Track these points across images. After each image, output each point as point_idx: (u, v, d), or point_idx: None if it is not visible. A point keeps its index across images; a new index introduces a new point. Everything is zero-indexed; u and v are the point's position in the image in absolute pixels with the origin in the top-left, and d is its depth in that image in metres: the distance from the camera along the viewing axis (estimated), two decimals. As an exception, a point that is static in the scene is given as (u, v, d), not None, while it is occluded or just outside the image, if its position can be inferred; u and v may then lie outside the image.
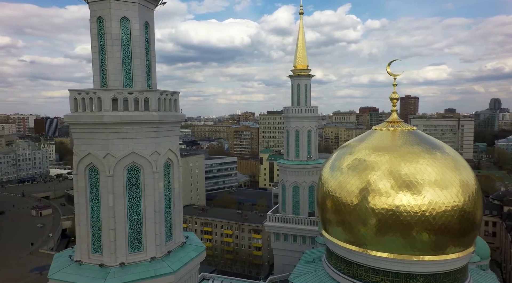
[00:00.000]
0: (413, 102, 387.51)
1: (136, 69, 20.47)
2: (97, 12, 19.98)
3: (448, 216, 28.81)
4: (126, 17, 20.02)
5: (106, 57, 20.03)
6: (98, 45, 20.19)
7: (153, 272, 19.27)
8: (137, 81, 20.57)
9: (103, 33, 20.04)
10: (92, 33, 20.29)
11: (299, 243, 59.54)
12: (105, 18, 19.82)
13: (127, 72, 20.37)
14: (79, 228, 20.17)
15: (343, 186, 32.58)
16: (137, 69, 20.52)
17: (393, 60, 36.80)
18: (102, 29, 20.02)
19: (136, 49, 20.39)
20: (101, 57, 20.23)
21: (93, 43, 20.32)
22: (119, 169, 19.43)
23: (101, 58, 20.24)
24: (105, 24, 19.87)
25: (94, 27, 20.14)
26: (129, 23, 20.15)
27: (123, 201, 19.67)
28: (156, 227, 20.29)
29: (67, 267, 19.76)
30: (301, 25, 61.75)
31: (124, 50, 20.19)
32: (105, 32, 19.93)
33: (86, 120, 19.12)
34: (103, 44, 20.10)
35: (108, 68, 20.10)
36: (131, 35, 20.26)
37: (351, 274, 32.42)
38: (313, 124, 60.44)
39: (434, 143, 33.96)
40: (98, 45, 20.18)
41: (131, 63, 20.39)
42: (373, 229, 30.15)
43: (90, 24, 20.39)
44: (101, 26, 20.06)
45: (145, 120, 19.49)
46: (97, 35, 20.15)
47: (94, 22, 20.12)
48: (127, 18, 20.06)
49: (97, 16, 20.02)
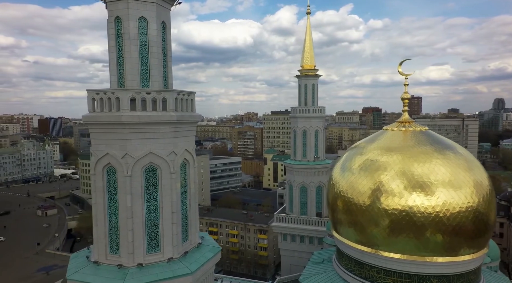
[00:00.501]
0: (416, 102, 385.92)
1: (153, 69, 20.43)
2: (115, 12, 19.94)
3: (463, 217, 28.59)
4: (144, 17, 19.98)
5: (124, 57, 20.00)
6: (116, 45, 20.14)
7: (171, 273, 19.21)
8: (154, 81, 20.53)
9: (120, 33, 19.99)
10: (109, 33, 20.26)
11: (307, 243, 59.43)
12: (123, 18, 19.78)
13: (144, 72, 20.33)
14: (96, 229, 20.14)
15: (355, 186, 32.42)
16: (154, 69, 20.48)
17: (404, 60, 36.61)
18: (120, 29, 19.98)
19: (153, 49, 20.34)
20: (118, 57, 20.19)
21: (110, 43, 20.28)
22: (137, 169, 19.39)
23: (119, 58, 20.21)
24: (123, 24, 19.83)
25: (112, 27, 20.11)
26: (147, 23, 20.11)
27: (141, 201, 19.63)
28: (173, 227, 20.24)
29: (84, 267, 19.72)
30: (308, 25, 61.63)
31: (141, 50, 20.15)
32: (122, 32, 19.89)
33: (104, 120, 19.09)
34: (121, 44, 20.06)
35: (125, 68, 20.06)
36: (149, 35, 20.21)
37: (362, 275, 32.23)
38: (321, 125, 60.35)
39: (446, 143, 33.76)
40: (116, 45, 20.14)
41: (148, 63, 20.34)
42: (385, 229, 29.96)
43: (108, 24, 20.36)
44: (118, 26, 20.03)
45: (163, 121, 19.44)
46: (114, 35, 20.11)
47: (111, 22, 20.09)
48: (144, 18, 20.02)
49: (114, 16, 19.99)
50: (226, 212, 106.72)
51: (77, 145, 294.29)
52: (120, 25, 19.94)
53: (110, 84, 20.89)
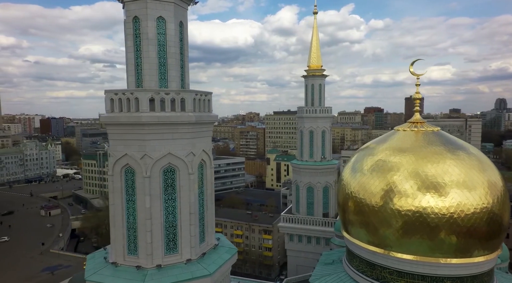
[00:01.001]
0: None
1: (171, 70, 20.30)
2: (133, 12, 19.81)
3: (477, 218, 28.41)
4: (162, 17, 19.85)
5: (142, 57, 19.87)
6: (134, 45, 20.01)
7: (190, 274, 19.08)
8: (172, 81, 20.40)
9: (138, 33, 19.86)
10: (127, 33, 20.12)
11: (314, 244, 59.26)
12: (141, 18, 19.65)
13: (162, 72, 20.20)
14: (114, 230, 20.01)
15: (366, 187, 32.24)
16: (172, 69, 20.35)
17: (416, 60, 36.38)
18: (138, 29, 19.85)
19: (171, 49, 20.21)
20: (136, 57, 20.06)
21: (128, 43, 20.16)
22: (156, 170, 19.26)
23: (136, 58, 20.07)
24: (141, 24, 19.69)
25: (130, 27, 19.97)
26: (165, 23, 19.98)
27: (159, 202, 19.51)
28: (191, 228, 20.11)
29: (103, 268, 19.60)
30: (315, 25, 61.45)
31: (159, 50, 20.03)
32: (141, 32, 19.75)
33: (123, 121, 18.95)
34: (139, 44, 19.93)
35: (143, 69, 19.93)
36: (167, 35, 20.08)
37: (374, 277, 32.05)
38: (327, 125, 60.17)
39: (458, 143, 33.58)
40: (134, 45, 20.01)
41: (166, 63, 20.21)
42: (398, 231, 29.77)
43: (125, 24, 20.23)
44: (136, 26, 19.89)
45: (182, 121, 19.31)
46: (132, 35, 19.97)
47: (129, 22, 19.96)
48: (163, 18, 19.89)
49: (133, 16, 19.85)
50: (230, 212, 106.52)
51: (78, 145, 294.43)
52: (138, 25, 19.81)
53: (127, 84, 20.75)
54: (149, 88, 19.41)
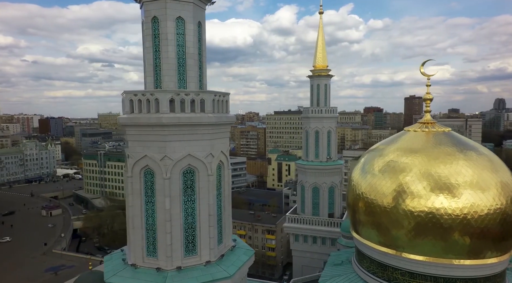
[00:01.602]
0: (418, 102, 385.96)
1: (189, 70, 20.17)
2: (152, 12, 19.66)
3: (490, 219, 28.35)
4: (181, 17, 19.70)
5: (161, 58, 19.72)
6: (152, 46, 19.86)
7: (210, 276, 18.96)
8: (190, 82, 20.26)
9: (157, 34, 19.71)
10: (146, 34, 19.98)
11: (319, 244, 59.22)
12: (160, 18, 19.50)
13: (181, 73, 20.06)
14: (133, 231, 19.86)
15: (378, 188, 32.14)
16: (191, 70, 20.21)
17: (427, 60, 36.32)
18: (157, 30, 19.70)
19: (190, 49, 20.08)
20: (155, 58, 19.92)
21: (146, 43, 20.01)
22: (176, 172, 19.13)
23: (155, 59, 19.93)
24: (160, 25, 19.55)
25: (148, 27, 19.83)
26: (184, 23, 19.83)
27: (179, 204, 19.37)
28: (210, 230, 19.98)
29: (122, 270, 19.46)
30: (321, 25, 61.32)
31: (178, 51, 19.88)
32: (160, 32, 19.61)
33: (143, 122, 18.80)
34: (158, 45, 19.78)
35: (162, 69, 19.79)
36: (186, 35, 19.94)
37: (385, 278, 31.95)
38: (333, 125, 60.13)
39: (470, 144, 33.56)
40: (152, 45, 19.86)
41: (185, 64, 20.07)
42: (411, 232, 29.69)
43: (144, 25, 20.08)
44: (155, 26, 19.75)
45: (202, 122, 19.18)
46: (151, 36, 19.83)
47: (148, 22, 19.81)
48: (182, 18, 19.74)
49: (151, 16, 19.71)
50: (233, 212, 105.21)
51: (78, 144, 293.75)
52: (157, 25, 19.66)
53: (145, 85, 20.62)
54: (169, 89, 19.26)
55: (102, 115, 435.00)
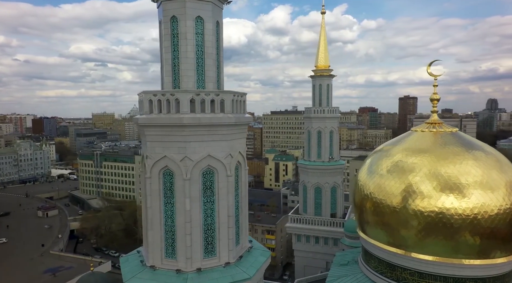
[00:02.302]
0: (412, 102, 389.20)
1: (208, 70, 20.02)
2: (171, 12, 19.46)
3: (500, 219, 28.52)
4: (201, 16, 19.54)
5: (180, 57, 19.53)
6: (171, 45, 19.67)
7: (231, 278, 18.83)
8: (209, 82, 20.11)
9: (176, 33, 19.52)
10: (164, 33, 19.77)
11: (321, 244, 59.28)
12: (180, 18, 19.31)
13: (200, 73, 19.90)
14: (152, 233, 19.63)
15: (387, 188, 32.16)
16: (209, 70, 20.07)
17: (434, 61, 36.48)
18: (176, 29, 19.51)
19: (208, 49, 19.92)
20: (173, 57, 19.72)
21: (165, 43, 19.80)
22: (196, 173, 18.96)
23: (174, 59, 19.73)
24: (179, 24, 19.36)
25: (167, 26, 19.62)
26: (203, 22, 19.67)
27: (199, 205, 19.21)
28: (229, 231, 19.85)
29: (141, 272, 19.24)
30: (323, 25, 61.44)
31: (197, 51, 19.72)
32: (179, 32, 19.42)
33: (164, 122, 18.58)
34: (176, 44, 19.59)
35: (181, 69, 19.61)
36: (204, 35, 19.78)
37: (394, 278, 32.00)
38: (335, 125, 60.27)
39: (477, 144, 33.75)
40: (171, 45, 19.67)
41: (204, 64, 19.91)
42: (421, 232, 29.76)
43: (163, 24, 19.87)
44: (174, 25, 19.56)
45: (222, 123, 19.04)
46: (170, 35, 19.63)
47: (167, 21, 19.60)
48: (201, 18, 19.58)
49: (170, 16, 19.50)
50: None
51: (72, 145, 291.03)
52: (176, 25, 19.47)
53: (163, 85, 20.40)
54: (189, 89, 19.08)
55: (97, 115, 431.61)
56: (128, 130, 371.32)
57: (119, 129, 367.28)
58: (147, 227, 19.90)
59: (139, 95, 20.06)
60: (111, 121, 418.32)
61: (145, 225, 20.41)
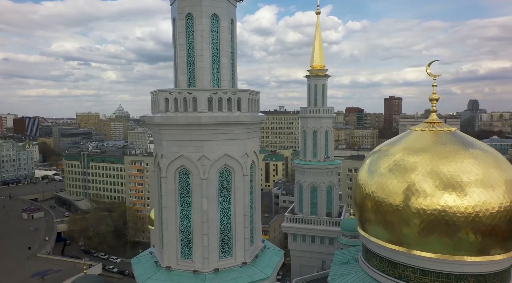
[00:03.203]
0: (397, 103, 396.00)
1: (223, 68, 19.83)
2: (186, 9, 19.18)
3: (501, 217, 29.12)
4: (216, 14, 19.33)
5: (195, 55, 19.27)
6: (186, 43, 19.39)
7: (249, 278, 18.67)
8: (224, 80, 19.93)
9: (192, 31, 19.25)
10: (179, 31, 19.47)
11: (317, 243, 59.59)
12: (195, 15, 19.05)
13: (215, 71, 19.69)
14: (167, 233, 19.28)
15: (389, 187, 32.39)
16: (225, 68, 19.88)
17: (433, 61, 37.05)
18: (191, 27, 19.23)
19: (224, 47, 19.73)
20: (188, 55, 19.45)
21: (180, 40, 19.50)
22: (213, 172, 18.73)
23: (189, 57, 19.46)
24: (195, 21, 19.10)
25: (182, 24, 19.33)
26: (218, 20, 19.47)
27: (216, 204, 18.99)
28: (245, 231, 19.70)
29: (157, 273, 18.88)
30: (318, 25, 61.80)
31: (212, 49, 19.50)
32: (194, 29, 19.15)
33: (181, 121, 18.27)
34: (191, 42, 19.32)
35: (196, 67, 19.35)
36: (220, 32, 19.58)
37: (396, 275, 32.30)
38: (330, 125, 60.73)
39: (475, 143, 34.44)
40: (186, 43, 19.39)
41: (219, 62, 19.71)
42: (423, 230, 30.16)
43: (177, 21, 19.57)
44: (189, 23, 19.28)
45: (239, 121, 18.88)
46: (185, 33, 19.34)
47: (182, 19, 19.31)
48: (216, 15, 19.37)
49: (186, 13, 19.22)
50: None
51: (56, 145, 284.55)
52: (192, 22, 19.20)
53: (177, 83, 20.09)
54: (207, 88, 18.85)
55: (81, 115, 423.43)
56: (114, 131, 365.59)
57: (104, 130, 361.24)
58: (162, 228, 19.54)
59: (153, 94, 19.70)
60: (96, 121, 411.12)
61: (159, 225, 20.06)
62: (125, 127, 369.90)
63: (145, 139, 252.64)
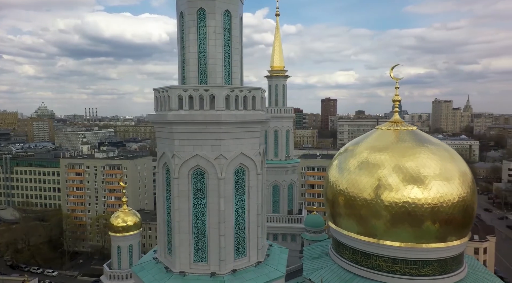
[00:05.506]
0: (332, 104, 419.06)
1: (235, 66, 19.48)
2: (198, 3, 18.46)
3: (457, 207, 32.57)
4: (229, 10, 18.92)
5: (208, 52, 18.64)
6: (197, 39, 18.65)
7: (266, 277, 18.57)
8: (235, 78, 19.58)
9: (203, 27, 18.58)
10: (189, 25, 18.66)
11: (280, 240, 60.66)
12: (208, 11, 18.43)
13: (227, 68, 19.25)
14: (179, 236, 18.31)
15: (358, 184, 34.29)
16: (236, 65, 19.55)
17: (396, 65, 40.03)
18: (203, 22, 18.56)
19: (235, 44, 19.39)
20: (199, 52, 18.74)
21: (190, 36, 18.70)
22: (230, 171, 18.30)
23: (200, 53, 18.76)
24: (208, 17, 18.47)
25: (193, 19, 18.56)
26: (230, 17, 19.08)
27: (232, 204, 18.59)
28: (258, 230, 19.58)
29: (170, 279, 17.84)
30: (277, 26, 63.20)
31: (224, 46, 19.04)
32: (207, 25, 18.51)
33: (199, 119, 17.52)
34: (203, 39, 18.65)
35: (208, 64, 18.73)
36: (231, 29, 19.21)
37: (369, 265, 34.31)
38: (291, 124, 62.40)
39: (432, 140, 38.00)
40: (197, 39, 18.65)
41: (231, 59, 19.32)
42: (390, 221, 32.50)
43: (186, 16, 18.74)
44: (201, 18, 18.59)
45: (255, 120, 18.70)
46: (196, 28, 18.60)
47: (193, 13, 18.54)
48: (229, 12, 18.96)
49: (197, 7, 18.50)
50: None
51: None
52: (204, 18, 18.54)
53: (186, 80, 19.26)
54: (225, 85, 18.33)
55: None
56: (37, 131, 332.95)
57: (25, 130, 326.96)
58: (174, 231, 18.53)
59: (160, 91, 18.65)
60: (14, 121, 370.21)
61: (165, 229, 19.02)
62: (50, 127, 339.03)
63: (75, 141, 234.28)
